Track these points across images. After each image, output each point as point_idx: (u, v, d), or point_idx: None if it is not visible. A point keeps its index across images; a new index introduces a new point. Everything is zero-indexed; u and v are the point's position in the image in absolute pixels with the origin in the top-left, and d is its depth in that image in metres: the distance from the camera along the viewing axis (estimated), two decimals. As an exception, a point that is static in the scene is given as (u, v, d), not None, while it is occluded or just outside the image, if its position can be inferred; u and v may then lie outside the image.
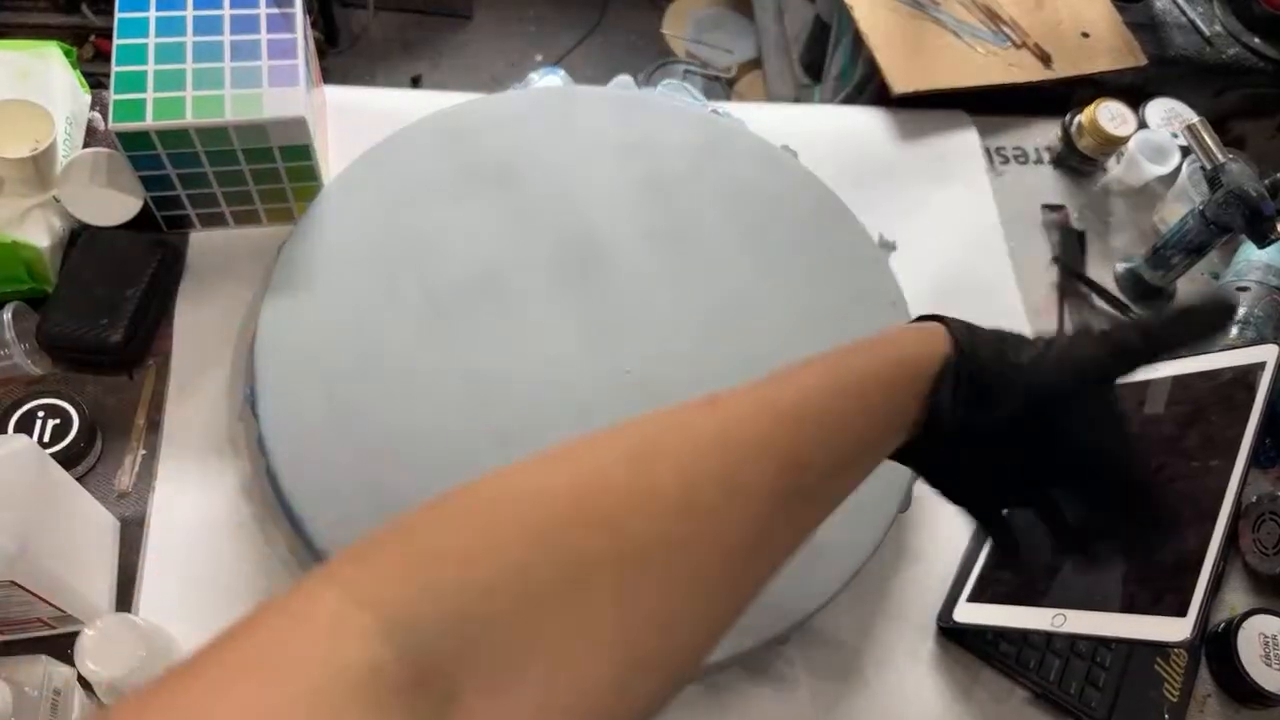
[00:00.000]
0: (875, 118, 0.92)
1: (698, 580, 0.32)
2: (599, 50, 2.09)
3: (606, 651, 0.29)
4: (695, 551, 0.32)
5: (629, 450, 0.32)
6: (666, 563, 0.31)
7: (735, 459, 0.33)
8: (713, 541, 0.32)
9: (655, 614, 0.30)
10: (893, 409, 0.39)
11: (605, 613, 0.29)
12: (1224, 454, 0.59)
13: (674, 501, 0.31)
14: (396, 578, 0.27)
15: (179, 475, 0.63)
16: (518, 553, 0.29)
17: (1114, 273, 0.88)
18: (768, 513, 0.34)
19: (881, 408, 0.39)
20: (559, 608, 0.28)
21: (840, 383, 0.38)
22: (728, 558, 0.33)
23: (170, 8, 0.65)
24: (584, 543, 0.29)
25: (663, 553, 0.31)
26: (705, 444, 0.33)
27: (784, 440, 0.35)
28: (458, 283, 0.67)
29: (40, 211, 0.66)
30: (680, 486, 0.31)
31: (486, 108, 0.75)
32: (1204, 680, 0.69)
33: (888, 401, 0.39)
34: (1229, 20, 1.07)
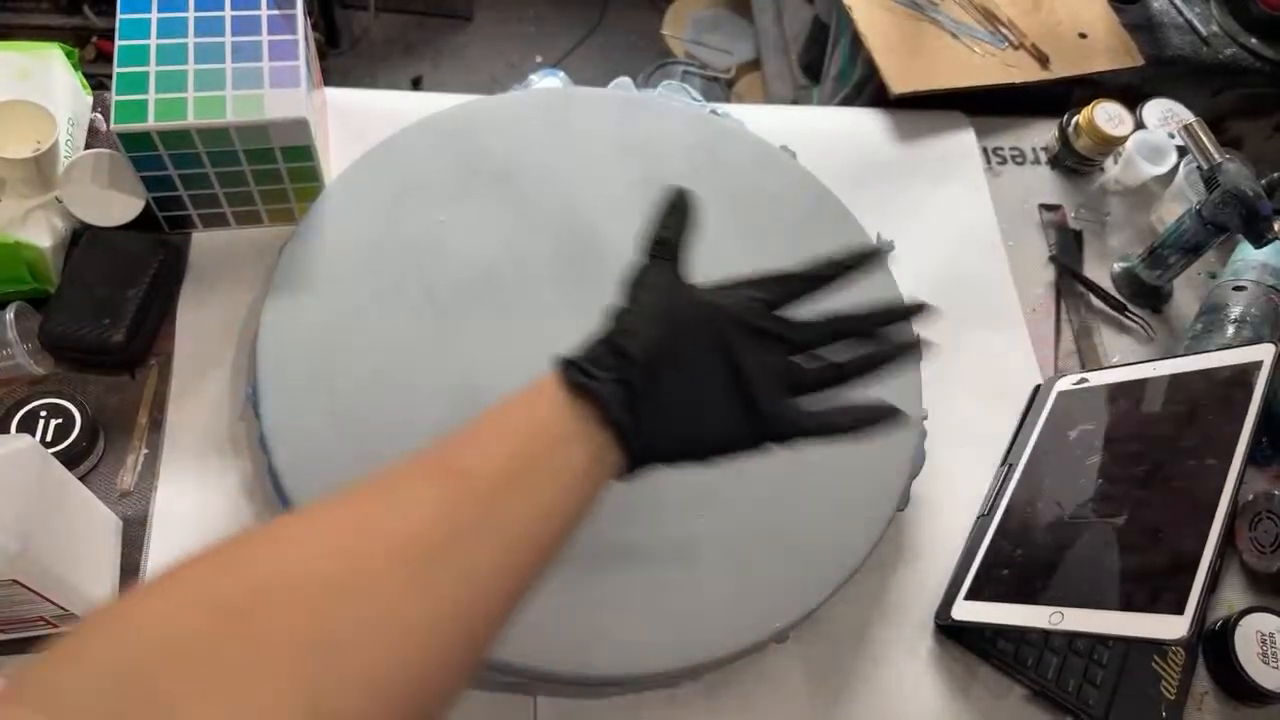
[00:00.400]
0: (874, 118, 0.92)
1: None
2: (598, 51, 2.09)
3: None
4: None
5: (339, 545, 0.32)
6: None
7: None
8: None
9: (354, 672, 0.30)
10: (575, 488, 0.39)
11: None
12: (1221, 452, 0.59)
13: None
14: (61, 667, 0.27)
15: (181, 474, 0.63)
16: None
17: (1111, 272, 0.89)
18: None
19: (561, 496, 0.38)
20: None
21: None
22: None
23: (172, 9, 0.66)
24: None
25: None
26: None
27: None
28: (458, 283, 0.67)
29: (42, 212, 0.66)
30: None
31: (486, 109, 0.76)
32: (1201, 678, 0.69)
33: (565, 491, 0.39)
34: (1226, 21, 1.07)
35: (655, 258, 0.45)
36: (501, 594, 0.35)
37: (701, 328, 0.43)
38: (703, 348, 0.42)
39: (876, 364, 0.46)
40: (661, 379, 0.41)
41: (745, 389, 0.43)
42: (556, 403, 0.39)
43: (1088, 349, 0.83)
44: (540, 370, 0.66)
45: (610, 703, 0.60)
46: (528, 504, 0.37)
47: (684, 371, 0.42)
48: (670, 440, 0.42)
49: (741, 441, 0.44)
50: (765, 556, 0.61)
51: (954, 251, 0.85)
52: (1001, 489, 0.72)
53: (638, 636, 0.57)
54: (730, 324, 0.43)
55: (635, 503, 0.61)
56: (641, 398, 0.40)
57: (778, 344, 0.44)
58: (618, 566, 0.59)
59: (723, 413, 0.43)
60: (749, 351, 0.43)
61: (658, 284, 0.44)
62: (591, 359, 0.41)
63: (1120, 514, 0.61)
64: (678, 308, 0.43)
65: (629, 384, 0.40)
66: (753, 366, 0.43)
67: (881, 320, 0.47)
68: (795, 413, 0.44)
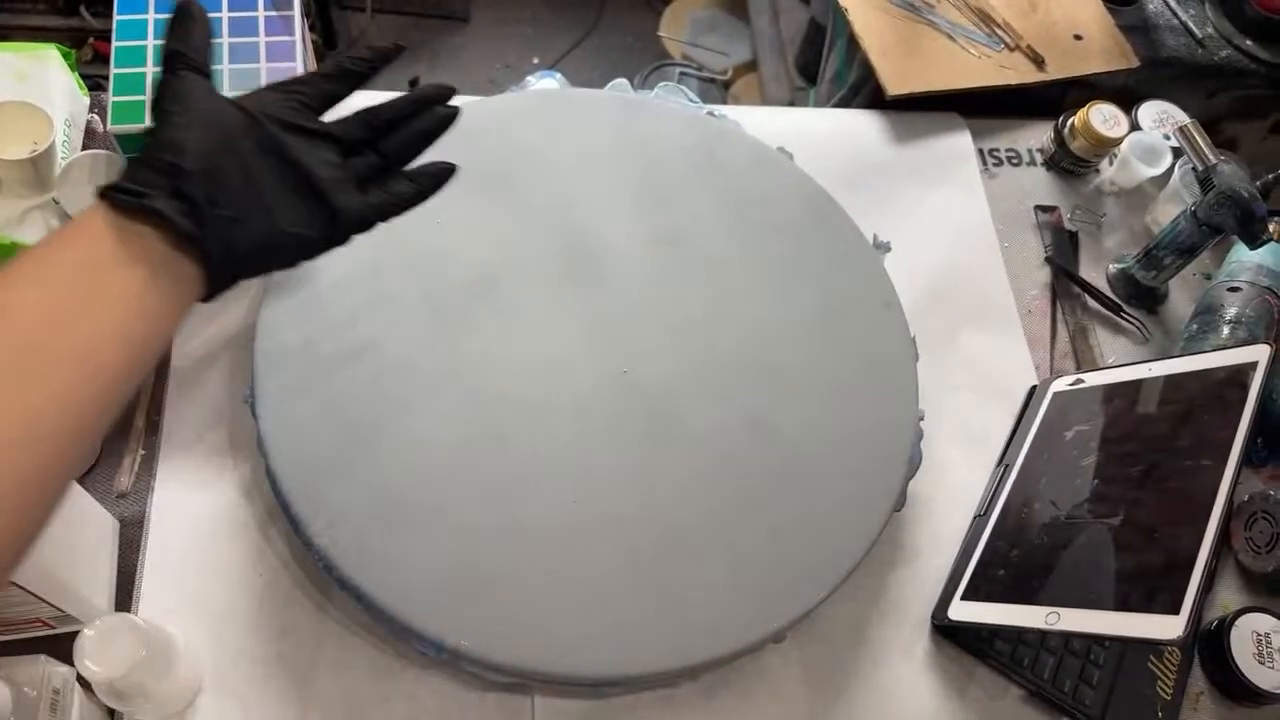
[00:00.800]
0: (870, 120, 0.93)
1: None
2: (595, 53, 2.09)
3: None
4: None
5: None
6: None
7: None
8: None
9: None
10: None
11: None
12: (1216, 453, 0.59)
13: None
14: None
15: (178, 476, 0.63)
16: None
17: (1106, 273, 0.89)
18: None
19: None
20: None
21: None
22: None
23: (169, 10, 0.66)
24: None
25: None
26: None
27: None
28: (455, 283, 0.67)
29: (39, 213, 0.66)
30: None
31: (483, 110, 0.76)
32: (1197, 678, 0.70)
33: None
34: (1221, 23, 1.08)
35: (179, 70, 0.43)
36: (70, 426, 0.36)
37: (249, 132, 0.42)
38: (256, 151, 0.42)
39: (415, 140, 0.48)
40: (222, 186, 0.41)
41: (314, 186, 0.43)
42: (101, 230, 0.38)
43: (1083, 350, 0.83)
44: (537, 369, 0.66)
45: (608, 703, 0.60)
46: (78, 336, 0.37)
47: (243, 176, 0.42)
48: (247, 244, 0.42)
49: (320, 237, 0.45)
50: (762, 556, 0.61)
51: (950, 252, 0.85)
52: (998, 489, 0.72)
53: (635, 637, 0.58)
54: (278, 126, 0.43)
55: (631, 502, 0.62)
56: (204, 205, 0.40)
57: (329, 142, 0.45)
58: (615, 567, 0.59)
59: (296, 212, 0.43)
60: (304, 151, 0.43)
61: (189, 95, 0.42)
62: (136, 178, 0.39)
63: (1116, 514, 0.62)
64: (218, 116, 0.42)
65: (184, 194, 0.39)
66: (315, 164, 0.43)
67: (411, 104, 0.48)
68: (365, 203, 0.46)
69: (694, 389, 0.66)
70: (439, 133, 0.49)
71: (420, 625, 0.55)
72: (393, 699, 0.58)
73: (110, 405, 0.38)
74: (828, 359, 0.70)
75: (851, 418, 0.68)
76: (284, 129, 0.43)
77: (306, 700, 0.57)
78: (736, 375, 0.68)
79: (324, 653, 0.59)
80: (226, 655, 0.58)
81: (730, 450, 0.65)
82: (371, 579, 0.56)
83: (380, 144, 0.48)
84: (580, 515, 0.60)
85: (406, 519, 0.58)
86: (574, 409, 0.64)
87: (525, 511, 0.60)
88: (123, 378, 0.39)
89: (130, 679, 0.49)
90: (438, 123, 0.49)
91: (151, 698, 0.51)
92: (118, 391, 0.39)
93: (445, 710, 0.58)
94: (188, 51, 0.44)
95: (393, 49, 0.48)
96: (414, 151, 0.49)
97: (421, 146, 0.49)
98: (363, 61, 0.47)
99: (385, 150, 0.48)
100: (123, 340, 0.38)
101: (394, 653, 0.59)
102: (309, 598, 0.60)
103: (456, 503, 0.59)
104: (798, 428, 0.66)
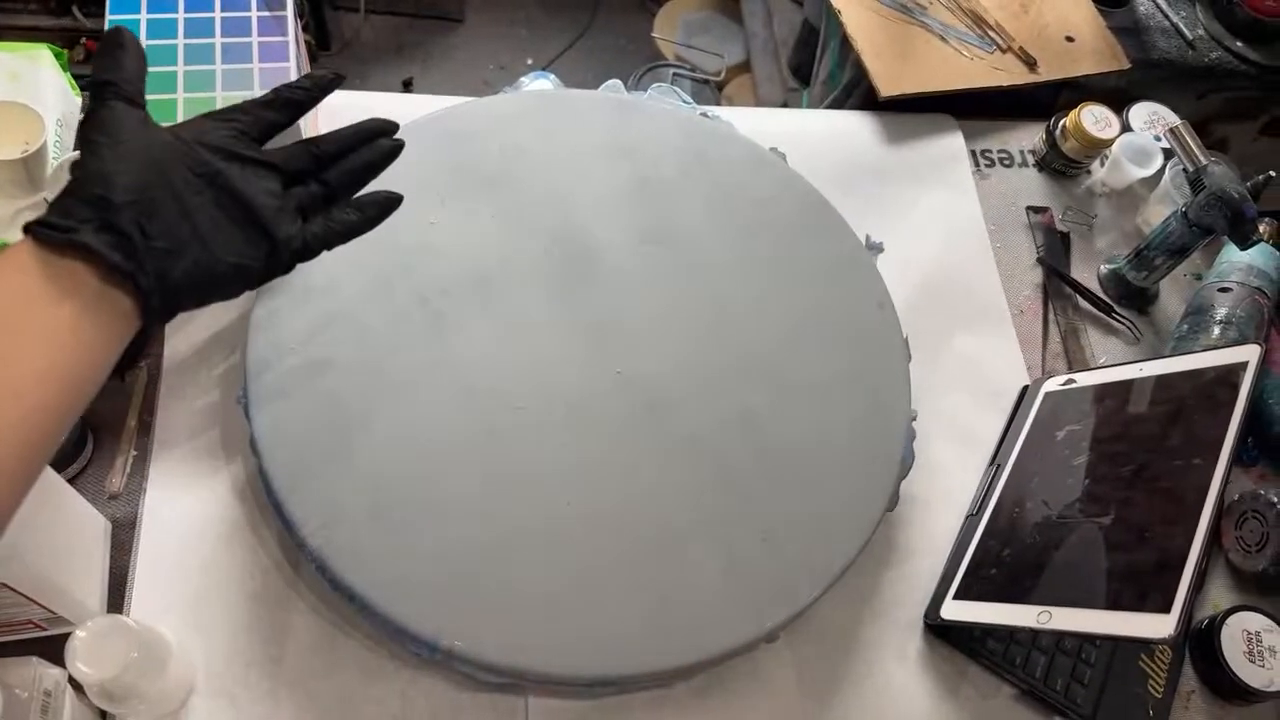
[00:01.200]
0: (863, 121, 0.93)
1: None
2: (589, 54, 2.09)
3: None
4: None
5: None
6: None
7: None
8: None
9: None
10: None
11: None
12: (1207, 453, 0.60)
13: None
14: None
15: (170, 477, 0.63)
16: None
17: (1098, 274, 0.89)
18: None
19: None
20: None
21: None
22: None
23: (162, 10, 0.66)
24: None
25: None
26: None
27: None
28: (449, 284, 0.67)
29: (31, 213, 0.66)
30: None
31: (477, 111, 0.76)
32: (1188, 676, 0.70)
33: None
34: (1211, 24, 1.08)
35: (108, 100, 0.42)
36: (3, 466, 0.36)
37: (184, 161, 0.42)
38: (192, 182, 0.42)
39: (360, 172, 0.48)
40: (154, 217, 0.40)
41: (253, 215, 0.43)
42: (28, 266, 0.38)
43: (1075, 350, 0.84)
44: (531, 369, 0.66)
45: (602, 703, 0.60)
46: (7, 375, 0.36)
47: (177, 206, 0.41)
48: (182, 276, 0.41)
49: (261, 266, 0.44)
50: (755, 556, 0.61)
51: (942, 253, 0.86)
52: (990, 489, 0.72)
53: (629, 637, 0.58)
54: (215, 155, 0.43)
55: (625, 503, 0.62)
56: (135, 238, 0.39)
57: (270, 170, 0.45)
58: (608, 567, 0.59)
59: (235, 241, 0.43)
60: (243, 179, 0.43)
61: (119, 125, 0.41)
62: (63, 213, 0.39)
63: (1107, 514, 0.62)
64: (151, 145, 0.41)
65: (114, 227, 0.39)
66: (255, 193, 0.43)
67: (356, 136, 0.49)
68: (307, 231, 0.46)
69: (687, 389, 0.67)
70: (384, 165, 0.49)
71: (413, 626, 0.55)
72: (386, 700, 0.58)
73: (46, 442, 0.38)
74: (820, 359, 0.70)
75: (844, 418, 0.68)
76: (222, 157, 0.43)
77: (299, 701, 0.57)
78: (729, 376, 0.68)
79: (317, 654, 0.59)
80: (219, 656, 0.58)
81: (723, 450, 0.65)
82: (364, 580, 0.56)
83: (324, 174, 0.48)
84: (573, 516, 0.60)
85: (399, 520, 0.58)
86: (567, 410, 0.64)
87: (518, 512, 0.60)
88: (57, 415, 0.38)
89: (122, 680, 0.49)
90: (382, 155, 0.49)
91: (144, 699, 0.51)
92: (53, 428, 0.38)
93: (438, 711, 0.58)
94: (118, 81, 0.42)
95: (332, 77, 0.48)
96: (358, 183, 0.49)
97: (366, 178, 0.49)
98: (303, 90, 0.47)
99: (329, 180, 0.48)
100: (55, 377, 0.38)
101: (387, 653, 0.59)
102: (302, 599, 0.60)
103: (450, 503, 0.59)
104: (790, 428, 0.66)
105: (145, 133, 0.42)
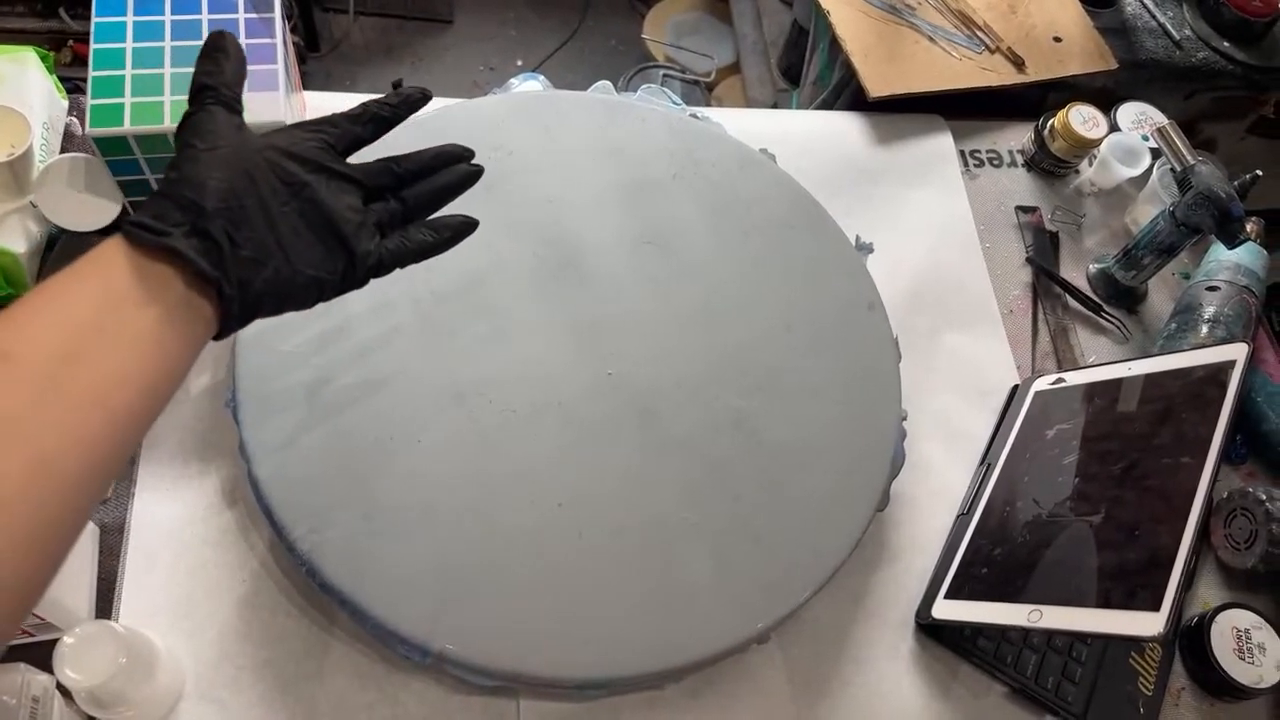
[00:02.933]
0: (852, 121, 0.93)
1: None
2: (579, 55, 2.09)
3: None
4: None
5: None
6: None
7: None
8: None
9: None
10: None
11: None
12: (1195, 451, 0.60)
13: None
14: None
15: (159, 481, 0.63)
16: None
17: (1086, 273, 0.90)
18: None
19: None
20: None
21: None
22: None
23: (148, 12, 0.65)
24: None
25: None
26: None
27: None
28: (439, 286, 0.67)
29: (17, 217, 0.66)
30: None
31: (467, 112, 0.76)
32: (1178, 674, 0.70)
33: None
34: (1198, 24, 1.09)
35: (207, 105, 0.43)
36: (85, 471, 0.35)
37: (274, 171, 0.42)
38: (280, 191, 0.42)
39: (439, 193, 0.49)
40: (242, 226, 0.40)
41: (335, 229, 0.43)
42: (118, 267, 0.38)
43: (1064, 349, 0.84)
44: (522, 372, 0.66)
45: (593, 705, 0.60)
46: (94, 378, 0.36)
47: (264, 216, 0.41)
48: (264, 286, 0.41)
49: (337, 279, 0.45)
50: (746, 557, 0.61)
51: (932, 253, 0.86)
52: (980, 488, 0.72)
53: (620, 639, 0.58)
54: (303, 166, 0.43)
55: (616, 505, 0.62)
56: (224, 245, 0.39)
57: (353, 185, 0.45)
58: (599, 569, 0.59)
59: (315, 253, 0.43)
60: (329, 192, 0.43)
61: (215, 130, 0.42)
62: (157, 215, 0.39)
63: (1097, 512, 0.62)
64: (243, 152, 0.42)
65: (206, 233, 0.39)
66: (338, 207, 0.43)
67: (436, 159, 0.49)
68: (384, 248, 0.46)
69: (678, 390, 0.67)
70: (461, 189, 0.50)
71: (405, 629, 0.55)
72: (377, 704, 0.58)
73: (125, 447, 0.38)
74: (811, 360, 0.70)
75: (835, 418, 0.68)
76: (309, 169, 0.43)
77: (289, 706, 0.57)
78: (720, 376, 0.68)
79: (307, 658, 0.59)
80: (208, 661, 0.57)
81: (714, 451, 0.65)
82: (355, 583, 0.56)
83: (402, 192, 0.48)
84: (564, 518, 0.60)
85: (390, 523, 0.58)
86: (558, 411, 0.64)
87: (509, 514, 0.60)
88: (137, 419, 0.38)
89: (110, 687, 0.49)
90: (460, 179, 0.50)
91: (132, 705, 0.51)
92: (132, 433, 0.38)
93: (430, 715, 0.58)
94: (218, 85, 0.43)
95: (420, 95, 0.49)
96: (435, 204, 0.49)
97: (443, 200, 0.49)
98: (390, 107, 0.47)
99: (407, 199, 0.48)
100: (138, 381, 0.37)
101: (378, 657, 0.59)
102: (291, 603, 0.60)
103: (440, 506, 0.59)
104: (781, 428, 0.67)
105: (239, 139, 0.42)
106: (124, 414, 0.37)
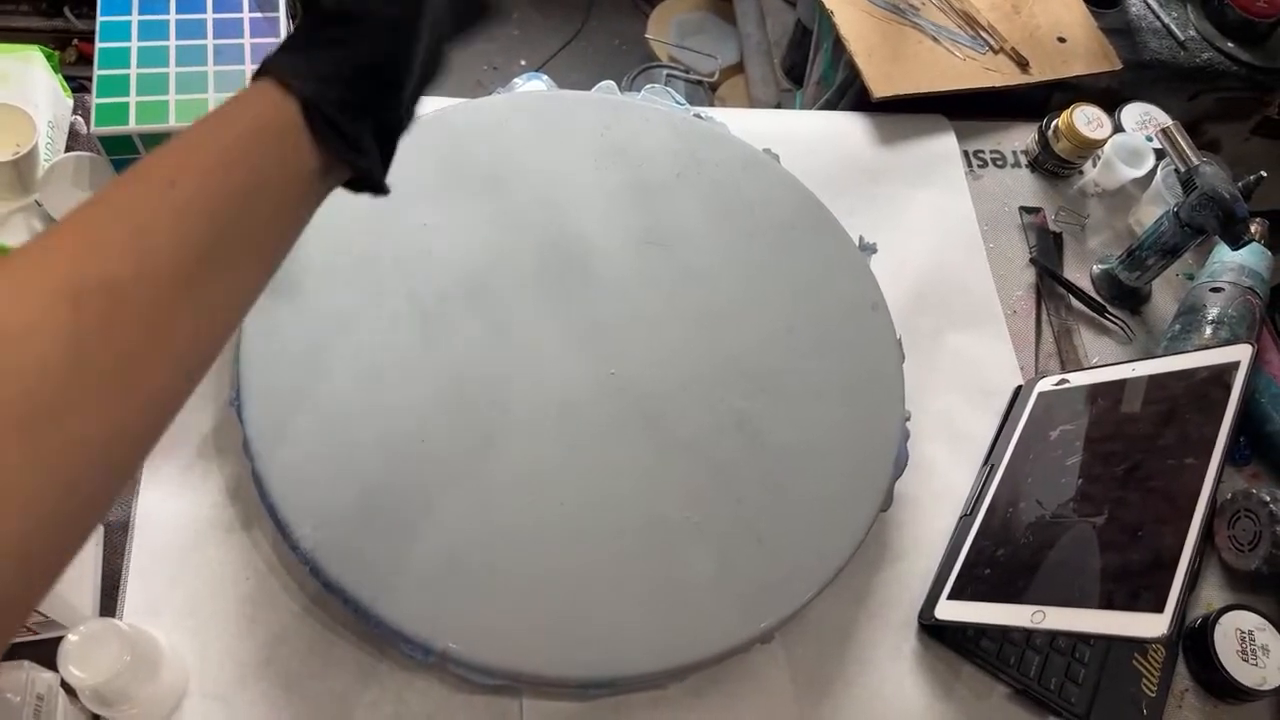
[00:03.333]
0: (856, 122, 0.93)
1: None
2: (582, 55, 2.09)
3: None
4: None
5: None
6: None
7: None
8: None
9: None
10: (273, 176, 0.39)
11: None
12: (1199, 452, 0.60)
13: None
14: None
15: (163, 479, 0.63)
16: None
17: (1090, 274, 0.89)
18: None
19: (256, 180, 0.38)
20: None
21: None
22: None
23: (153, 11, 0.65)
24: None
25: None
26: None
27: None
28: (443, 286, 0.67)
29: (22, 215, 0.66)
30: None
31: (470, 112, 0.76)
32: (1181, 675, 0.70)
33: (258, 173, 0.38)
34: (1203, 25, 1.09)
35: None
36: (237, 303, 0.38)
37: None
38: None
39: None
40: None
41: (440, 43, 0.45)
42: (306, 158, 0.40)
43: (1068, 350, 0.84)
44: (524, 371, 0.66)
45: (596, 705, 0.60)
46: (256, 214, 0.37)
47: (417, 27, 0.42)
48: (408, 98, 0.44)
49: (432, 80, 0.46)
50: (749, 557, 0.61)
51: (935, 254, 0.86)
52: (984, 489, 0.72)
53: (623, 638, 0.58)
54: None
55: (619, 504, 0.62)
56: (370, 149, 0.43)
57: None
58: (602, 568, 0.59)
59: (425, 65, 0.45)
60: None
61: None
62: (349, 121, 0.41)
63: (1101, 513, 0.62)
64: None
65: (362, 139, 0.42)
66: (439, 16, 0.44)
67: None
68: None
69: (681, 390, 0.67)
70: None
71: (408, 628, 0.55)
72: (380, 702, 0.58)
73: (254, 295, 0.39)
74: (814, 360, 0.70)
75: (838, 419, 0.68)
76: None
77: (293, 704, 0.57)
78: (723, 376, 0.68)
79: (310, 656, 0.59)
80: (212, 659, 0.58)
81: (717, 451, 0.65)
82: (358, 582, 0.56)
83: None
84: (567, 517, 0.60)
85: (393, 521, 0.58)
86: (561, 411, 0.64)
87: (512, 513, 0.60)
88: (270, 265, 0.40)
89: (114, 684, 0.49)
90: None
91: (136, 703, 0.51)
92: (263, 279, 0.40)
93: (433, 713, 0.58)
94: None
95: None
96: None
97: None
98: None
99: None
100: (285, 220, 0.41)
101: (381, 655, 0.59)
102: (295, 601, 0.60)
103: (443, 505, 0.59)
104: (784, 428, 0.67)
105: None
106: (270, 254, 0.41)
